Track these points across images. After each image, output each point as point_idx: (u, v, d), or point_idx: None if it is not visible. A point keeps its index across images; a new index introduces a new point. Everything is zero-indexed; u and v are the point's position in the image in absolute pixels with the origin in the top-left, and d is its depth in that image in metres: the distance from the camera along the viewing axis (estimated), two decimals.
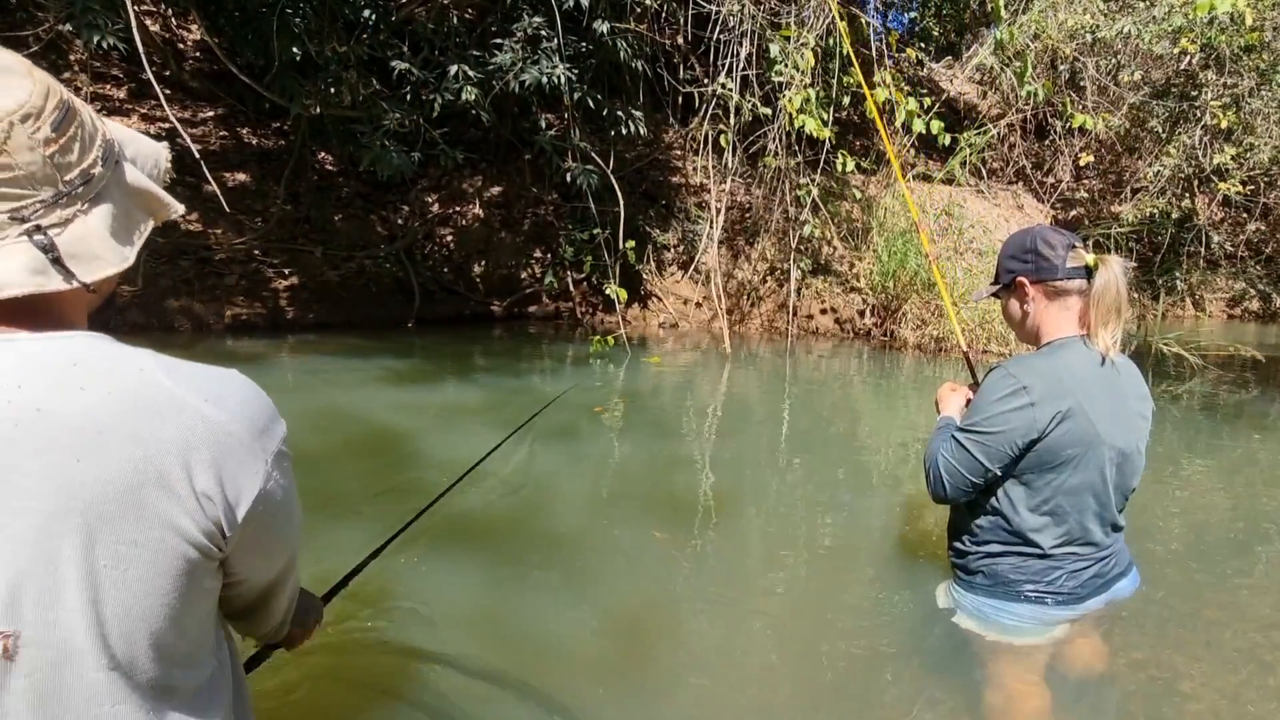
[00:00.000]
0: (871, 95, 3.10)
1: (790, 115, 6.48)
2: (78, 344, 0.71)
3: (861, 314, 7.80)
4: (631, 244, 7.19)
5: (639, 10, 6.73)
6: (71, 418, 0.66)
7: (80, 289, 0.72)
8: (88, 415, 0.67)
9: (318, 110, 6.17)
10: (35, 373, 0.67)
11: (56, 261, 0.70)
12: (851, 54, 4.18)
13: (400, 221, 7.68)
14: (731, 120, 7.00)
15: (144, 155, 0.84)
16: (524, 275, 7.98)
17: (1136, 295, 9.43)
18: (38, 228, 0.69)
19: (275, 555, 0.86)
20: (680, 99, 8.28)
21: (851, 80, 6.89)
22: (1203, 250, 10.12)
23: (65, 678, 0.66)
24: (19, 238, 0.69)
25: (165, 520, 0.69)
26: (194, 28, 7.12)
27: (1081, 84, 9.24)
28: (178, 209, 0.85)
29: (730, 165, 7.42)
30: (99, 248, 0.73)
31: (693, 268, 8.07)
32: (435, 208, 7.90)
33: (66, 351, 0.70)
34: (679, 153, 8.95)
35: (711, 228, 7.47)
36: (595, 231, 7.31)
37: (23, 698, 0.65)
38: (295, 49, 5.63)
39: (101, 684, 0.68)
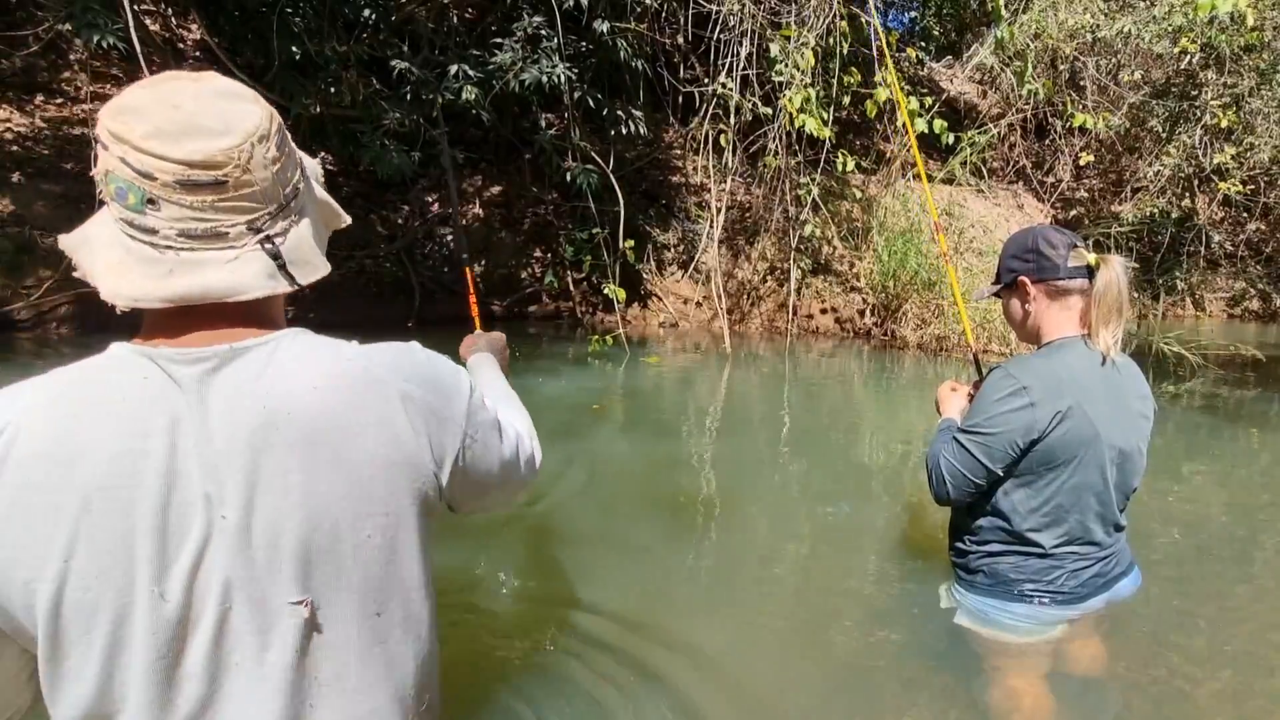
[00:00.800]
0: (903, 100, 3.05)
1: (790, 115, 6.47)
2: (293, 343, 0.79)
3: (862, 313, 7.80)
4: (631, 244, 7.18)
5: (639, 10, 6.72)
6: (316, 417, 0.75)
7: (286, 292, 0.81)
8: (326, 413, 0.76)
9: (318, 110, 6.16)
10: (276, 379, 0.76)
11: (283, 268, 0.79)
12: (889, 59, 4.09)
13: (400, 221, 7.68)
14: (731, 120, 7.00)
15: (311, 170, 0.92)
16: (524, 275, 7.98)
17: (1137, 295, 9.43)
18: (268, 237, 0.78)
19: (491, 491, 0.97)
20: (680, 99, 8.27)
21: (852, 80, 6.89)
22: (1203, 250, 10.12)
23: (350, 628, 0.80)
24: (254, 246, 0.77)
25: (404, 491, 0.81)
26: (194, 27, 7.10)
27: (1081, 83, 9.24)
28: (346, 219, 0.96)
29: (730, 165, 7.41)
30: (309, 254, 0.83)
31: (693, 267, 8.07)
32: (435, 207, 7.89)
33: (289, 352, 0.78)
34: (679, 152, 8.94)
35: (711, 227, 7.47)
36: (595, 231, 7.30)
37: (324, 647, 0.78)
38: (295, 49, 5.63)
39: (371, 630, 0.81)
